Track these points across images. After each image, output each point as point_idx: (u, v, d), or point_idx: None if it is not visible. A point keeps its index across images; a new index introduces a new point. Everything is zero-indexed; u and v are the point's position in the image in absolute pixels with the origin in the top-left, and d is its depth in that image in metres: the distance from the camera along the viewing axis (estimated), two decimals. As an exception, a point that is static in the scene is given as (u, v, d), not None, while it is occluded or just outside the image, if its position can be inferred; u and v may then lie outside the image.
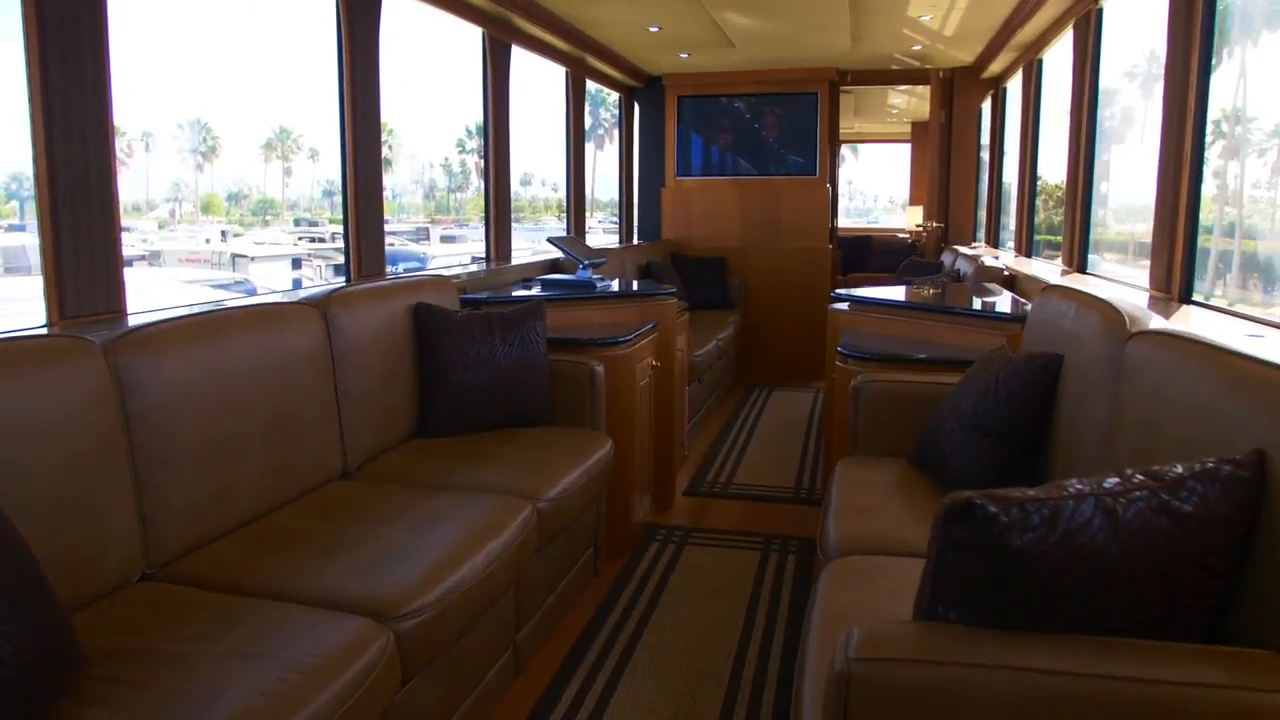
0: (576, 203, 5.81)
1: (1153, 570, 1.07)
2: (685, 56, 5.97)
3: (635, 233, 7.09)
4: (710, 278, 6.48)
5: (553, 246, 3.94)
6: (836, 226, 6.85)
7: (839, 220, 7.24)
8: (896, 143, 11.47)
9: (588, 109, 6.07)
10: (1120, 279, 3.75)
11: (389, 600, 1.72)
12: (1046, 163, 5.27)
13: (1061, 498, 1.06)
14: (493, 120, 4.49)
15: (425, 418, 2.87)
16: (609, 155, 7.26)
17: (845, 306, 3.47)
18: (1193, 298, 2.70)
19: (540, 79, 5.66)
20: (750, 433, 5.11)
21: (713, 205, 6.70)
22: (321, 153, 53.82)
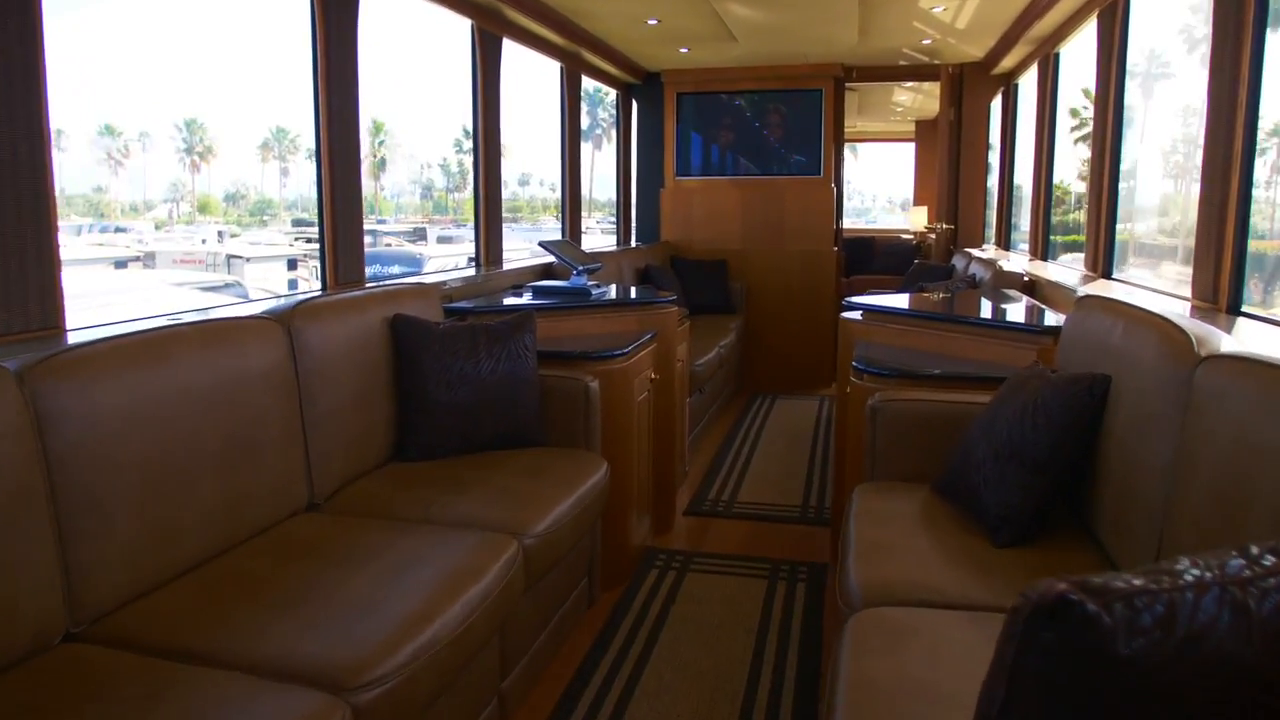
0: (571, 203, 5.56)
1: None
2: (685, 51, 5.73)
3: (633, 234, 6.85)
4: (711, 281, 6.24)
5: (544, 251, 3.70)
6: (841, 228, 6.61)
7: (843, 221, 6.99)
8: (899, 141, 11.23)
9: (587, 109, 5.84)
10: (1136, 282, 3.53)
11: (347, 667, 1.49)
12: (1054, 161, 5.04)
13: (1178, 589, 0.82)
14: (482, 117, 4.25)
15: (404, 440, 2.63)
16: (608, 155, 7.03)
17: (858, 316, 3.23)
18: (1242, 309, 2.47)
19: (540, 77, 5.43)
20: (754, 445, 4.88)
21: (713, 206, 6.46)
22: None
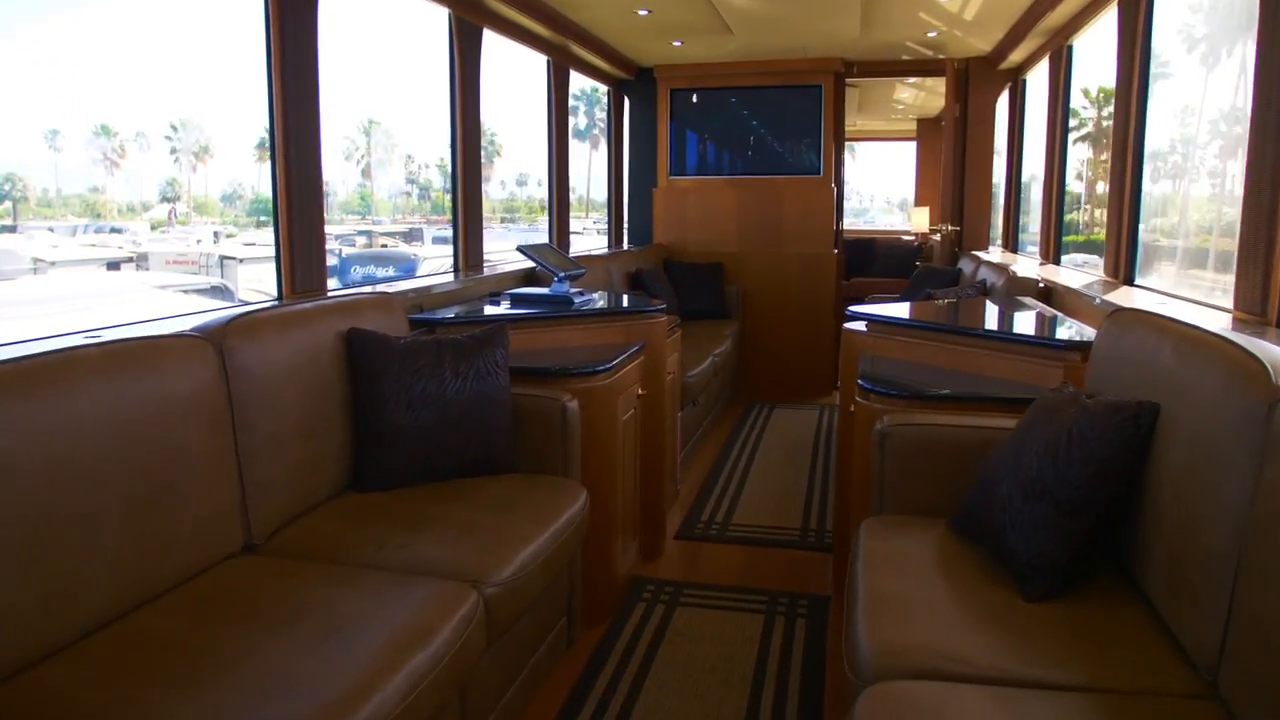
0: (559, 204, 5.29)
1: None
2: (678, 45, 5.46)
3: (625, 235, 6.58)
4: (705, 285, 5.97)
5: (523, 256, 3.44)
6: (841, 230, 6.34)
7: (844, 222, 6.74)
8: (900, 140, 10.95)
9: (585, 108, 5.57)
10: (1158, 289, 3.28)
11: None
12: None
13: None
14: (461, 113, 3.99)
15: (361, 468, 2.37)
16: (604, 155, 6.77)
17: (863, 327, 2.97)
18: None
19: (538, 74, 5.17)
20: (750, 459, 4.61)
21: (708, 207, 6.19)
22: (316, 153, 53.49)
